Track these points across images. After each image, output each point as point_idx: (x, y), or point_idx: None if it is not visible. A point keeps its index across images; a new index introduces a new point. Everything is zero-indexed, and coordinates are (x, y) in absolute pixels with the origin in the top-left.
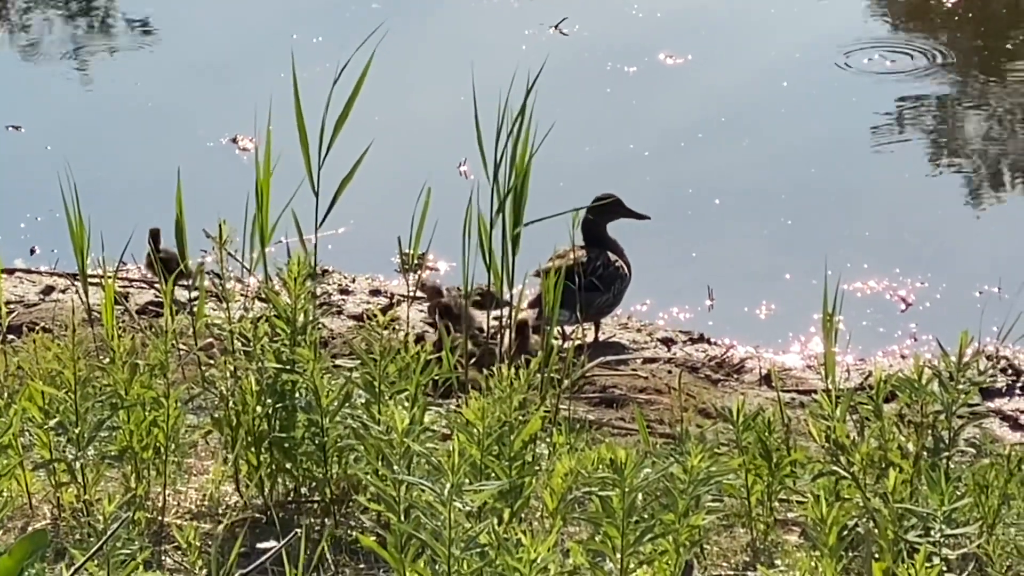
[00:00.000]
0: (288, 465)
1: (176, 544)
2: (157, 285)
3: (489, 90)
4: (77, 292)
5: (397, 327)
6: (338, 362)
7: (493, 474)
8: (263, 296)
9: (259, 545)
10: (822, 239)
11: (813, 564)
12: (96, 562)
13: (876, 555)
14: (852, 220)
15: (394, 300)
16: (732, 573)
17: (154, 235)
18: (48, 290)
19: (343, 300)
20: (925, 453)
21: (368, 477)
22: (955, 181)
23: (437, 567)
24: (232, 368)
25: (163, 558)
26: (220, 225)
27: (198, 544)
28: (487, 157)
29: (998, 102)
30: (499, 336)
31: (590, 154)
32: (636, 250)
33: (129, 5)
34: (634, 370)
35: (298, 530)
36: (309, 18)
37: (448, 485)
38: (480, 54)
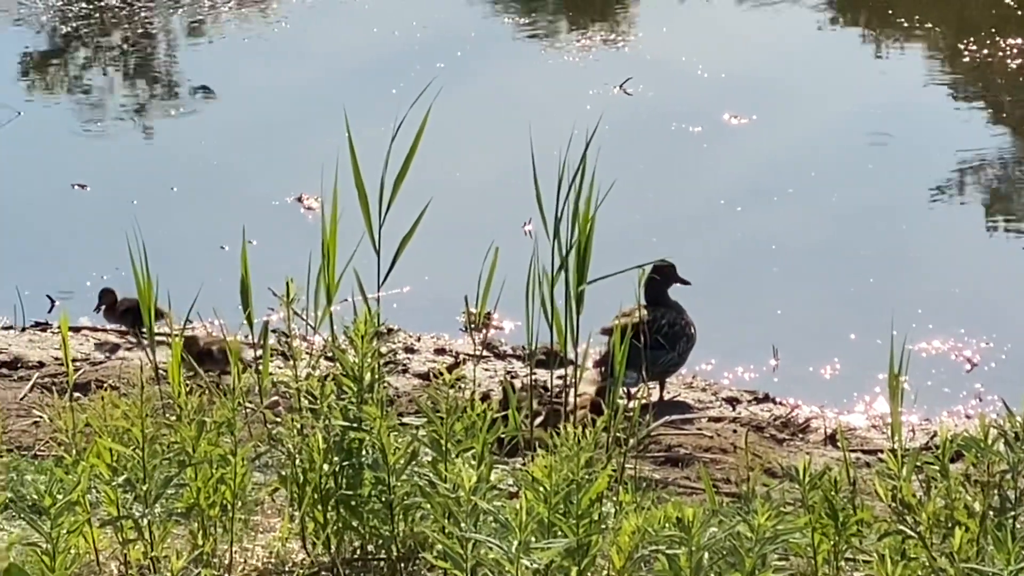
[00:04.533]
0: (355, 522)
1: None
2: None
3: (553, 149)
4: (143, 350)
5: (463, 385)
6: (405, 420)
7: (560, 532)
8: (330, 354)
9: None
10: (887, 299)
11: None
12: None
13: None
14: (917, 280)
15: (460, 359)
16: None
17: (106, 294)
18: (114, 348)
19: (409, 359)
20: (991, 513)
21: (435, 535)
22: (1018, 242)
23: None
24: (299, 426)
25: None
26: (287, 284)
27: None
28: (548, 215)
29: None
30: (564, 395)
31: (654, 213)
32: (701, 309)
33: (191, 66)
34: (699, 429)
35: None
36: (376, 78)
37: (515, 543)
38: (545, 113)
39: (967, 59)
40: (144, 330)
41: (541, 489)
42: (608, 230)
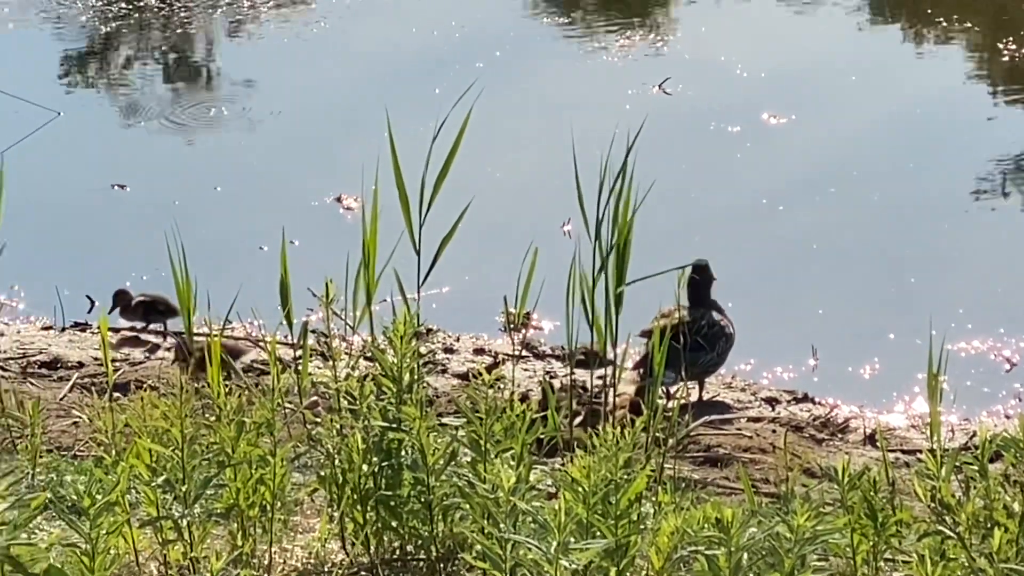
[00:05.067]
0: (394, 523)
1: None
2: (261, 344)
3: (591, 149)
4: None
5: (502, 386)
6: (444, 420)
7: (599, 533)
8: (369, 354)
9: None
10: (926, 299)
11: None
12: None
13: None
14: (956, 280)
15: (499, 359)
16: None
17: (120, 296)
18: (154, 348)
19: (448, 359)
20: None
21: (474, 535)
22: None
23: None
24: (338, 426)
25: None
26: (327, 284)
27: None
28: (588, 215)
29: None
30: (603, 395)
31: (693, 213)
32: (740, 309)
33: (231, 67)
34: (738, 429)
35: None
36: (415, 77)
37: (554, 543)
38: (583, 113)
39: (1006, 57)
40: (159, 324)
41: (580, 489)
42: (647, 230)
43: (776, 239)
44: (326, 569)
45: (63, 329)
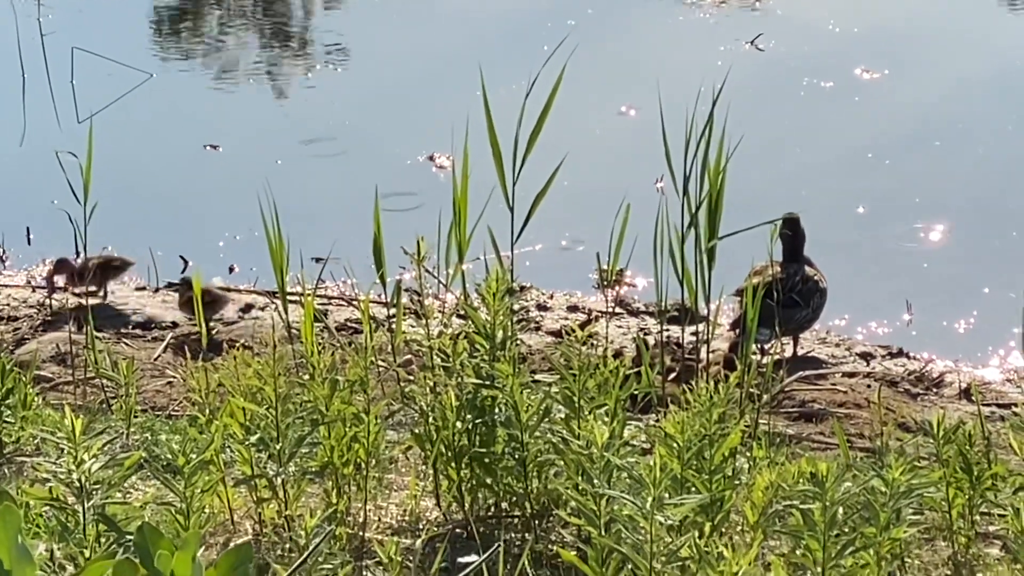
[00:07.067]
0: (488, 480)
1: (377, 559)
2: (355, 302)
3: (682, 105)
4: (276, 310)
5: (595, 342)
6: (537, 377)
7: (693, 488)
8: (461, 312)
9: (460, 560)
10: (1021, 252)
11: None
12: None
13: None
14: None
15: (592, 316)
16: None
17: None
18: (247, 308)
19: (541, 316)
20: None
21: (568, 491)
22: None
23: None
24: (432, 384)
25: (364, 573)
26: (418, 242)
27: (399, 559)
28: (676, 171)
29: None
30: (696, 351)
31: (785, 169)
32: (835, 264)
33: (323, 27)
34: (833, 384)
35: (499, 544)
36: (505, 36)
37: (649, 499)
38: (676, 70)
39: None
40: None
41: (674, 445)
42: (742, 186)
43: (869, 194)
44: (420, 526)
45: (156, 290)
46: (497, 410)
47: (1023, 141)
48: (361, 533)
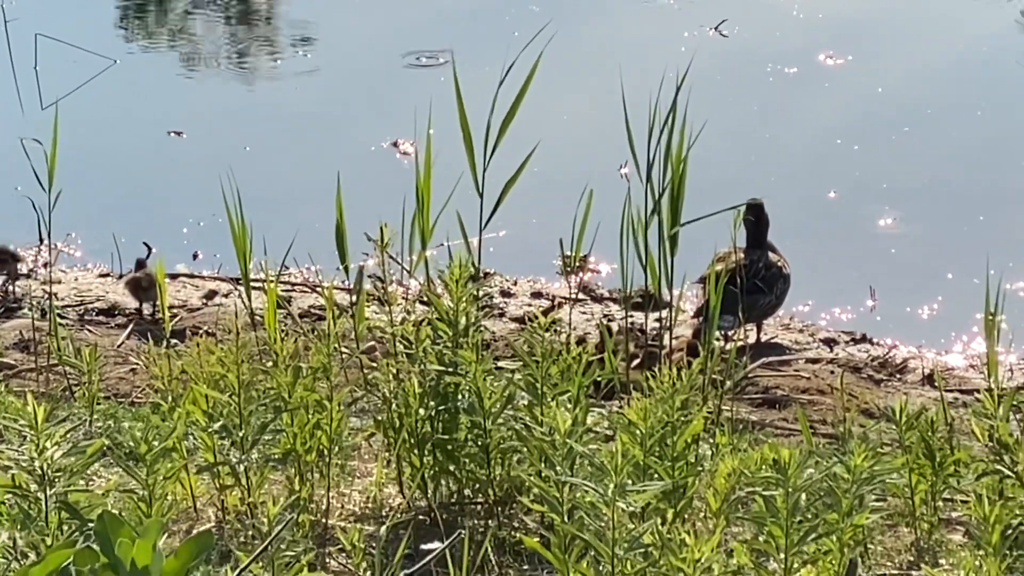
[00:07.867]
0: (451, 467)
1: (340, 546)
2: (319, 289)
3: (646, 91)
4: (239, 296)
5: (559, 329)
6: (500, 364)
7: (656, 474)
8: (425, 299)
9: (423, 546)
10: (984, 238)
11: (977, 563)
12: (261, 564)
13: None
14: (1014, 219)
15: (556, 302)
16: (896, 572)
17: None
18: (211, 294)
19: (505, 302)
20: None
21: (531, 478)
22: None
23: (601, 568)
24: (395, 371)
25: (327, 560)
26: (381, 228)
27: (362, 546)
28: (640, 157)
29: None
30: (660, 338)
31: (749, 155)
32: (797, 250)
33: (289, 12)
34: (796, 371)
35: (462, 531)
36: (465, 23)
37: (611, 486)
38: (639, 56)
39: None
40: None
41: (637, 432)
42: (707, 172)
43: (832, 180)
44: (384, 513)
45: (120, 276)
46: (460, 397)
47: (990, 127)
48: (324, 520)
